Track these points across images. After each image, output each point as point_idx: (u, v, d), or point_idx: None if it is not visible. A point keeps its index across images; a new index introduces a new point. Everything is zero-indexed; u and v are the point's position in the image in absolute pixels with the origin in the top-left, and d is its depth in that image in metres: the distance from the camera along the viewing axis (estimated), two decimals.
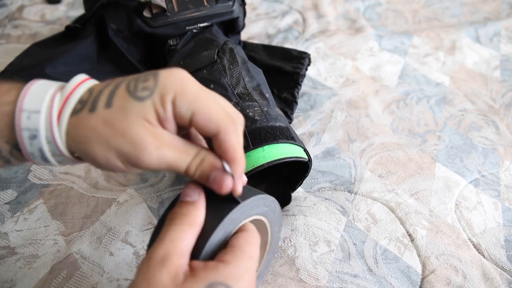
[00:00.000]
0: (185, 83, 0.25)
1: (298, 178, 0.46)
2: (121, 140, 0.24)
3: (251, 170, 0.39)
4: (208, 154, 0.27)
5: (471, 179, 0.52)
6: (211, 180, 0.26)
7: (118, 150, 0.24)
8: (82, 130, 0.24)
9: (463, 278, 0.41)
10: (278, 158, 0.39)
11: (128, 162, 0.24)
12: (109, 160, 0.24)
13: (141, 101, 0.24)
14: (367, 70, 0.70)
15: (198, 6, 0.56)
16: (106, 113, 0.24)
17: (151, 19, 0.54)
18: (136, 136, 0.24)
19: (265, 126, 0.41)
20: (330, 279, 0.41)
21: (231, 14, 0.58)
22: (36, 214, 0.45)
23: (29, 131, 0.24)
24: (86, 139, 0.24)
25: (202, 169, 0.26)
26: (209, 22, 0.57)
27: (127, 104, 0.24)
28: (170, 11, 0.54)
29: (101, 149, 0.24)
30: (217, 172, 0.26)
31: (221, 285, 0.23)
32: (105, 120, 0.24)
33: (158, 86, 0.24)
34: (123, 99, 0.24)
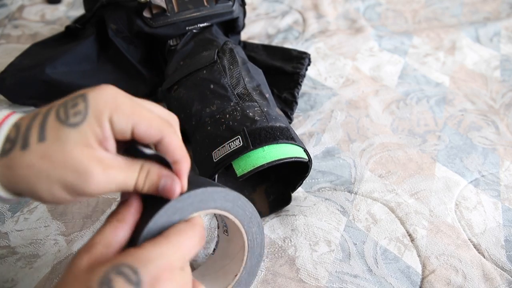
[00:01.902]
0: (118, 99, 0.25)
1: (298, 178, 0.46)
2: (63, 172, 0.23)
3: (251, 170, 0.39)
4: (152, 165, 0.27)
5: (471, 179, 0.52)
6: (161, 189, 0.26)
7: (63, 182, 0.23)
8: (18, 170, 0.23)
9: (463, 278, 0.41)
10: (278, 158, 0.39)
11: (75, 192, 0.24)
12: (54, 194, 0.24)
13: (75, 127, 0.23)
14: (367, 70, 0.70)
15: (198, 6, 0.56)
16: (41, 147, 0.23)
17: (151, 20, 0.54)
18: (79, 164, 0.23)
19: (265, 127, 0.41)
20: (330, 279, 0.41)
21: (231, 14, 0.58)
22: (36, 214, 0.45)
23: None
24: (25, 178, 0.23)
25: (149, 181, 0.26)
26: (209, 22, 0.57)
27: (61, 133, 0.23)
28: (170, 11, 0.54)
29: (44, 185, 0.23)
30: (165, 180, 0.26)
31: (126, 266, 0.23)
32: (42, 155, 0.23)
33: (90, 108, 0.24)
34: (56, 129, 0.23)
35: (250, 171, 0.39)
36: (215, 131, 0.42)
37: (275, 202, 0.47)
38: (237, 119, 0.42)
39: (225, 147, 0.40)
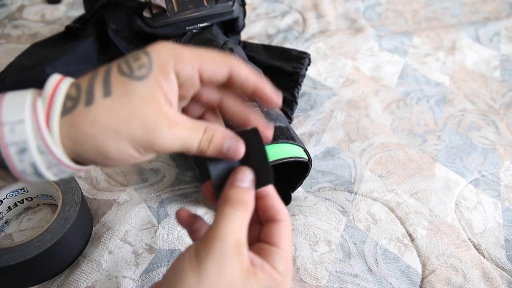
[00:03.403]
0: (177, 49, 0.24)
1: (298, 178, 0.46)
2: (132, 127, 0.22)
3: None
4: (217, 127, 0.26)
5: (471, 179, 0.52)
6: (226, 151, 0.25)
7: (131, 138, 0.22)
8: (83, 127, 0.22)
9: (463, 278, 0.41)
10: (278, 158, 0.39)
11: (143, 147, 0.23)
12: (122, 151, 0.22)
13: (142, 81, 0.22)
14: (367, 70, 0.70)
15: (198, 6, 0.56)
16: (107, 102, 0.22)
17: (151, 19, 0.54)
18: (146, 118, 0.22)
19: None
20: (330, 279, 0.41)
21: (231, 14, 0.58)
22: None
23: (17, 146, 0.21)
24: (91, 135, 0.22)
25: (215, 142, 0.25)
26: (209, 22, 0.57)
27: (128, 87, 0.22)
28: (170, 11, 0.54)
29: (111, 141, 0.22)
30: (231, 141, 0.25)
31: None
32: (108, 110, 0.22)
33: (153, 61, 0.23)
34: (121, 84, 0.22)
35: None
36: None
37: None
38: None
39: None
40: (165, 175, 0.50)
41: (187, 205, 0.47)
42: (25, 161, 0.21)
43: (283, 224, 0.27)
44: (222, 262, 0.23)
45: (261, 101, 0.27)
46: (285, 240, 0.26)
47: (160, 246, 0.43)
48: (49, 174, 0.22)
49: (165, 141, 0.23)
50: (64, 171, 0.22)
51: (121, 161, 0.23)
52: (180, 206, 0.47)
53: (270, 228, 0.27)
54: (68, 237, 0.39)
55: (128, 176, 0.50)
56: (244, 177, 0.26)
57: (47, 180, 0.22)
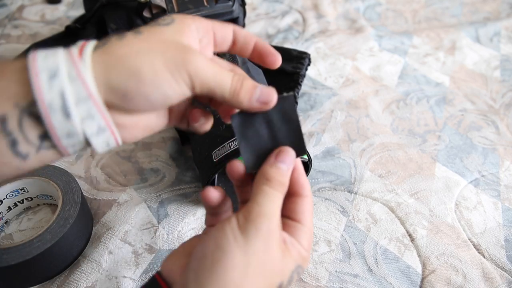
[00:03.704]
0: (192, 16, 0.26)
1: None
2: (165, 47, 0.22)
3: None
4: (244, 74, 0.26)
5: (471, 179, 0.52)
6: (258, 96, 0.25)
7: (164, 55, 0.22)
8: (115, 51, 0.21)
9: (463, 278, 0.41)
10: None
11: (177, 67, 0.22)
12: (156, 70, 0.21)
13: (168, 26, 0.23)
14: (367, 70, 0.70)
15: (198, 6, 0.56)
16: (138, 37, 0.22)
17: (151, 19, 0.54)
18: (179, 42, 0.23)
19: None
20: (330, 279, 0.41)
21: (231, 14, 0.58)
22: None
23: (48, 71, 0.20)
24: (123, 56, 0.21)
25: (246, 86, 0.24)
26: None
27: (156, 29, 0.23)
28: (170, 11, 0.54)
29: (145, 59, 0.21)
30: (263, 88, 0.25)
31: (300, 268, 0.25)
32: (139, 40, 0.22)
33: (175, 17, 0.24)
34: (150, 27, 0.23)
35: None
36: (215, 131, 0.42)
37: None
38: None
39: (225, 147, 0.41)
40: (165, 175, 0.50)
41: (187, 205, 0.47)
42: (54, 89, 0.19)
43: (307, 201, 0.27)
44: (269, 241, 0.23)
45: (262, 57, 0.28)
46: (309, 217, 0.27)
47: (160, 246, 0.43)
48: (76, 114, 0.20)
49: (199, 62, 0.22)
50: (93, 115, 0.21)
51: (156, 83, 0.22)
52: (180, 206, 0.47)
53: (295, 204, 0.27)
54: (68, 237, 0.39)
55: (128, 176, 0.50)
56: (287, 159, 0.26)
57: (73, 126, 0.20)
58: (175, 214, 0.46)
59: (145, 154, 0.53)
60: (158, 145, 0.54)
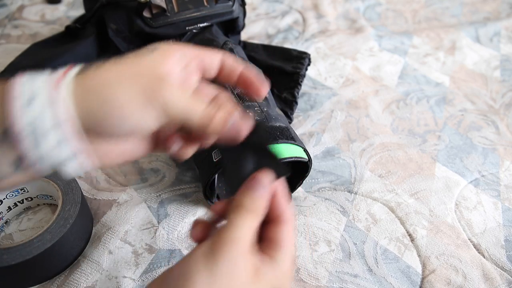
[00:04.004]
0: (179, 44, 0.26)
1: (298, 178, 0.46)
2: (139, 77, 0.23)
3: None
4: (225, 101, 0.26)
5: (471, 179, 0.52)
6: (231, 125, 0.25)
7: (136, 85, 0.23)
8: (93, 79, 0.22)
9: (463, 278, 0.41)
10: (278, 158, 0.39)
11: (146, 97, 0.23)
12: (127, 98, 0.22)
13: (150, 53, 0.24)
14: (367, 70, 0.70)
15: (198, 6, 0.56)
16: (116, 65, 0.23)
17: (151, 19, 0.54)
18: (155, 69, 0.23)
19: (265, 127, 0.41)
20: (330, 279, 0.41)
21: (231, 14, 0.58)
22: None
23: (25, 96, 0.20)
24: (98, 86, 0.22)
25: (221, 115, 0.25)
26: (209, 22, 0.57)
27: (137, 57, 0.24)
28: (170, 11, 0.54)
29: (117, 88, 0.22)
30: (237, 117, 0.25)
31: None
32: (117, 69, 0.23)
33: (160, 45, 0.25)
34: (132, 56, 0.24)
35: None
36: None
37: None
38: None
39: None
40: (165, 175, 0.50)
41: (187, 205, 0.47)
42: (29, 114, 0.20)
43: (287, 226, 0.27)
44: (235, 263, 0.23)
45: (247, 86, 0.28)
46: (289, 241, 0.27)
47: (160, 246, 0.43)
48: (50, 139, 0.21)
49: (169, 94, 0.23)
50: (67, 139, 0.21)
51: (125, 113, 0.23)
52: (180, 206, 0.47)
53: (275, 228, 0.27)
54: (68, 237, 0.39)
55: (128, 176, 0.50)
56: (257, 185, 0.26)
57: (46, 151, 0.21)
58: (175, 214, 0.46)
59: None
60: None
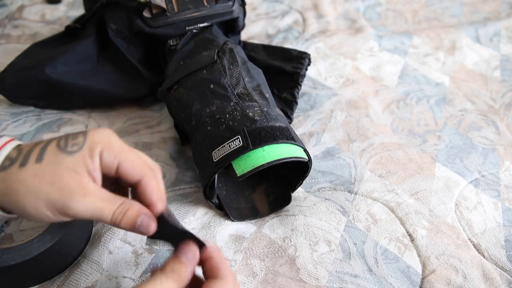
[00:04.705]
0: (111, 139, 0.29)
1: (298, 178, 0.46)
2: (50, 189, 0.26)
3: (251, 170, 0.39)
4: (133, 202, 0.30)
5: (471, 179, 0.52)
6: (138, 225, 0.29)
7: (48, 199, 0.26)
8: (11, 183, 0.26)
9: (463, 278, 0.41)
10: (278, 158, 0.39)
11: (57, 210, 0.27)
12: (38, 209, 0.26)
13: (71, 155, 0.27)
14: (367, 70, 0.70)
15: (198, 6, 0.56)
16: (37, 167, 0.26)
17: (151, 19, 0.54)
18: (65, 185, 0.26)
19: (265, 127, 0.41)
20: (330, 279, 0.41)
21: (231, 14, 0.58)
22: None
23: None
24: (15, 191, 0.26)
25: (128, 216, 0.29)
26: (209, 22, 0.57)
27: (57, 158, 0.27)
28: (170, 11, 0.54)
29: (31, 199, 0.26)
30: (143, 218, 0.29)
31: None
32: (35, 173, 0.26)
33: (87, 141, 0.28)
34: (53, 154, 0.27)
35: (250, 171, 0.39)
36: (215, 131, 0.42)
37: (275, 202, 0.48)
38: (237, 119, 0.42)
39: (225, 147, 0.41)
40: (165, 175, 0.50)
41: (187, 205, 0.47)
42: None
43: (222, 281, 0.30)
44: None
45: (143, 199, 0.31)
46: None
47: (160, 246, 0.43)
48: None
49: (76, 207, 0.27)
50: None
51: (36, 218, 0.27)
52: (180, 206, 0.47)
53: (209, 283, 0.30)
54: (68, 237, 0.39)
55: None
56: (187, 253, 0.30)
57: None
58: (175, 214, 0.46)
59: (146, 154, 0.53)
60: (158, 145, 0.54)
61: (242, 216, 0.46)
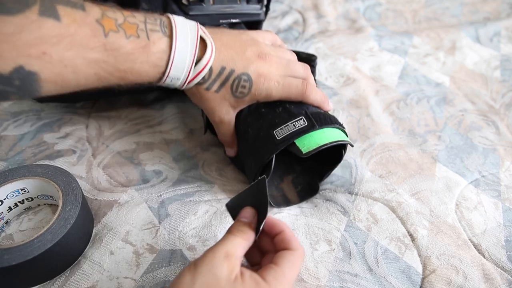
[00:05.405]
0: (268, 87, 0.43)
1: (324, 168, 0.49)
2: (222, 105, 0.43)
3: (315, 148, 0.41)
4: None
5: (472, 179, 0.52)
6: None
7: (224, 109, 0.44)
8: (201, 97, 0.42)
9: (463, 278, 0.41)
10: (338, 140, 0.43)
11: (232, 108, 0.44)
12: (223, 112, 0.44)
13: (236, 97, 0.43)
14: (367, 70, 0.70)
15: (231, 3, 0.58)
16: (213, 95, 0.42)
17: (187, 7, 0.55)
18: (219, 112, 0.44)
19: (320, 112, 0.45)
20: (331, 278, 0.41)
21: (258, 16, 0.61)
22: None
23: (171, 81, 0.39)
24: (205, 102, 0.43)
25: None
26: (240, 19, 0.59)
27: (226, 95, 0.42)
28: (206, 2, 0.55)
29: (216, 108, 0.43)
30: None
31: None
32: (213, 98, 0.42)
33: (250, 93, 0.43)
34: (226, 92, 0.42)
35: (314, 149, 0.41)
36: (271, 112, 0.45)
37: (303, 192, 0.49)
38: (292, 103, 0.45)
39: (289, 126, 0.43)
40: (167, 176, 0.50)
41: (188, 204, 0.47)
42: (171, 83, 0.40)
43: (292, 253, 0.32)
44: (213, 265, 0.29)
45: None
46: (287, 263, 0.31)
47: (162, 246, 0.43)
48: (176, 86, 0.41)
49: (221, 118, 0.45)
50: None
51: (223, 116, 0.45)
52: (181, 206, 0.47)
53: (279, 254, 0.32)
54: (69, 238, 0.39)
55: (130, 177, 0.50)
56: (247, 215, 0.34)
57: None
58: (176, 214, 0.46)
59: (148, 155, 0.53)
60: (160, 146, 0.54)
61: (277, 203, 0.48)
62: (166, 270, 0.41)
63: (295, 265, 0.32)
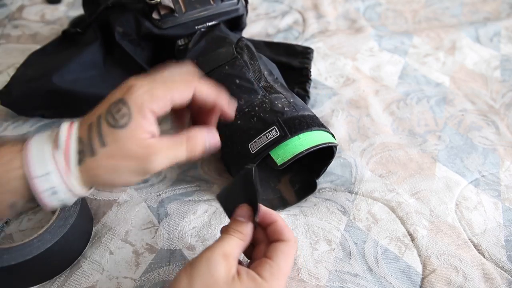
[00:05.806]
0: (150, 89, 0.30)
1: (321, 164, 0.48)
2: (126, 163, 0.29)
3: (291, 158, 0.40)
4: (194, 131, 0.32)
5: (472, 179, 0.52)
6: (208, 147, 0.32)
7: (129, 171, 0.29)
8: (91, 172, 0.29)
9: (463, 278, 0.41)
10: (315, 144, 0.41)
11: (140, 175, 0.30)
12: (127, 180, 0.30)
13: (125, 128, 0.29)
14: (367, 70, 0.70)
15: (205, 5, 0.56)
16: (105, 151, 0.29)
17: (159, 21, 0.54)
18: (136, 153, 0.29)
19: (296, 116, 0.43)
20: (330, 278, 0.41)
21: (237, 11, 0.59)
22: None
23: (49, 191, 0.28)
24: (99, 176, 0.29)
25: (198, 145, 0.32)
26: (217, 21, 0.58)
27: (116, 135, 0.29)
28: (177, 11, 0.54)
29: (115, 177, 0.29)
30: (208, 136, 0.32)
31: None
32: (107, 156, 0.29)
33: (131, 108, 0.29)
34: (111, 134, 0.29)
35: (290, 159, 0.40)
36: (247, 124, 0.43)
37: (301, 190, 0.49)
38: (267, 111, 0.44)
39: (262, 138, 0.42)
40: (166, 175, 0.50)
41: (187, 204, 0.47)
42: (55, 199, 0.29)
43: (285, 244, 0.32)
44: (210, 266, 0.29)
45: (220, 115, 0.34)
46: (282, 256, 0.31)
47: (161, 246, 0.43)
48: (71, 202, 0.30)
49: (156, 165, 0.29)
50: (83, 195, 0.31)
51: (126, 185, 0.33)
52: (180, 206, 0.47)
53: (272, 246, 0.32)
54: (68, 238, 0.39)
55: None
56: (242, 213, 0.34)
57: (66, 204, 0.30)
58: (176, 214, 0.46)
59: None
60: None
61: (273, 207, 0.47)
62: (165, 269, 0.41)
63: (289, 257, 0.32)
